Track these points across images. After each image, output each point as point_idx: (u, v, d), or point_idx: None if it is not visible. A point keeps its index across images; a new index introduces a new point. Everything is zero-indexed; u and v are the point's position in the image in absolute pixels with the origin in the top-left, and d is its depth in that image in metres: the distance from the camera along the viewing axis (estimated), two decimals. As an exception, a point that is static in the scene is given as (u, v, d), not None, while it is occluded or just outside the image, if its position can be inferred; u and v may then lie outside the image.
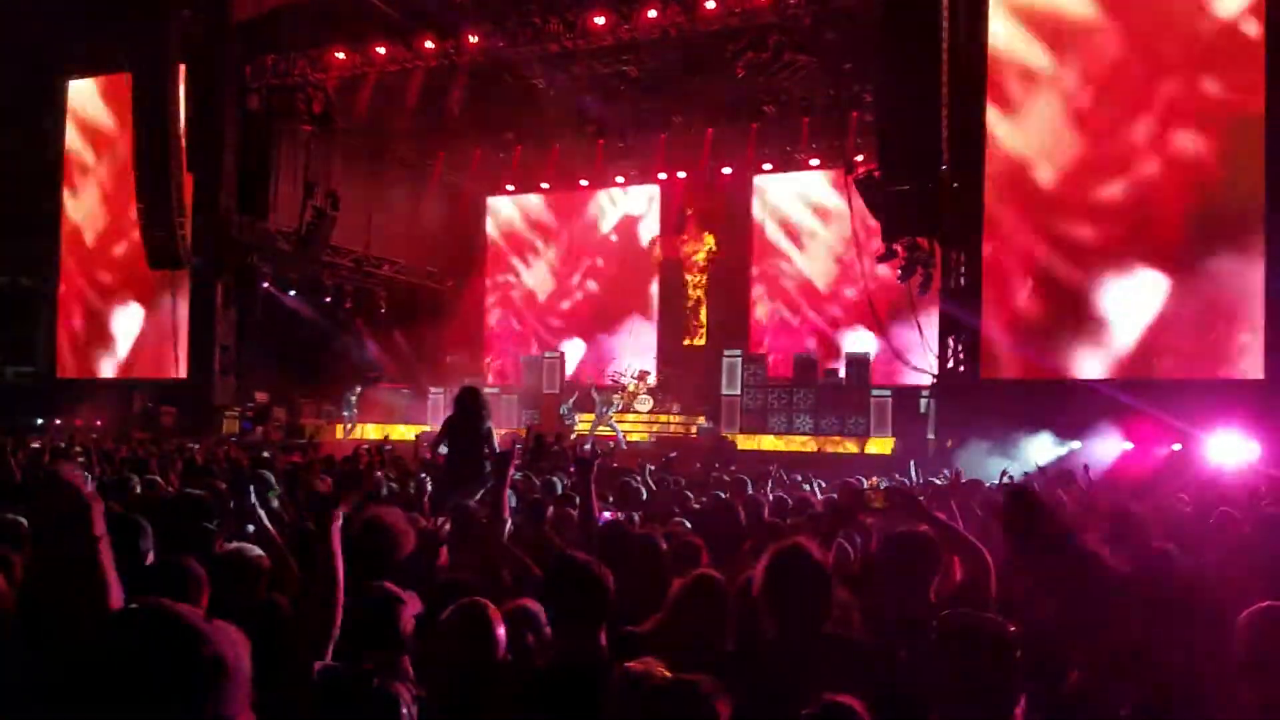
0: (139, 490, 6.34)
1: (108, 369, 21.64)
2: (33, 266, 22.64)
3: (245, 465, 8.91)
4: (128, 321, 21.42)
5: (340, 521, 2.33)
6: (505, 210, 24.96)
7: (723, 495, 6.36)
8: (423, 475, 6.91)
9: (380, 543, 3.69)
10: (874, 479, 11.22)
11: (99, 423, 18.21)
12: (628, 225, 23.74)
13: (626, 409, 19.30)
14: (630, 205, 23.75)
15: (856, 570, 4.42)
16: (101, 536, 2.14)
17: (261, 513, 4.53)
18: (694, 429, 18.81)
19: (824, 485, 9.28)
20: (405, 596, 2.88)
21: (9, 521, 4.58)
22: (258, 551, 4.18)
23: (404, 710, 1.69)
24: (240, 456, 11.65)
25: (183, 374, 19.87)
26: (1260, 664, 2.55)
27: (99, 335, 21.78)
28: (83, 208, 22.12)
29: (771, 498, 6.74)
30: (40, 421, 18.26)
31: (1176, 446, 12.92)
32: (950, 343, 15.36)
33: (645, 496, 6.92)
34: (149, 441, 15.03)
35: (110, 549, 2.17)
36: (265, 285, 19.90)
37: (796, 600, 2.92)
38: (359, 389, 20.10)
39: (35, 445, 12.93)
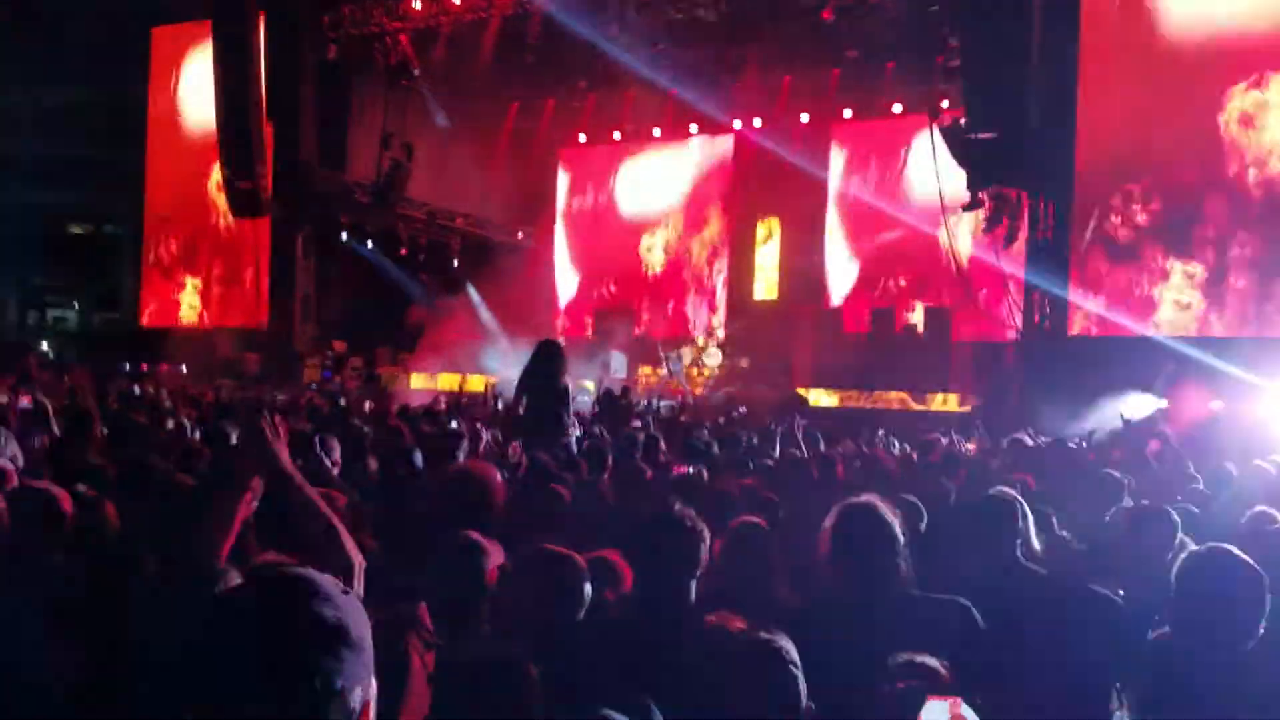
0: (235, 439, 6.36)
1: (190, 317, 22.27)
2: (117, 215, 23.33)
3: (325, 412, 9.09)
4: (210, 270, 21.97)
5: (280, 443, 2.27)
6: (577, 161, 24.82)
7: (796, 452, 6.26)
8: (482, 427, 6.89)
9: (470, 494, 3.68)
10: (954, 436, 11.00)
11: (184, 369, 18.77)
12: (703, 175, 23.41)
13: (695, 363, 19.21)
14: (704, 155, 23.39)
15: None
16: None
17: (327, 464, 4.60)
18: (763, 385, 18.60)
19: (898, 444, 9.09)
20: (489, 546, 2.88)
21: (96, 467, 4.72)
22: (338, 497, 4.25)
23: (416, 660, 1.66)
24: (321, 404, 11.93)
25: (264, 322, 20.35)
26: None
27: (181, 283, 22.39)
28: (166, 156, 22.63)
29: (844, 454, 6.63)
30: (127, 367, 18.89)
31: (1217, 404, 12.42)
32: (1035, 298, 14.90)
33: (716, 451, 6.85)
34: (234, 388, 15.49)
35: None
36: (344, 236, 20.21)
37: (864, 558, 2.87)
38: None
39: (135, 388, 13.41)
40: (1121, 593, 2.50)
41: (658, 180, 23.78)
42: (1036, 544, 3.79)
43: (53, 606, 2.53)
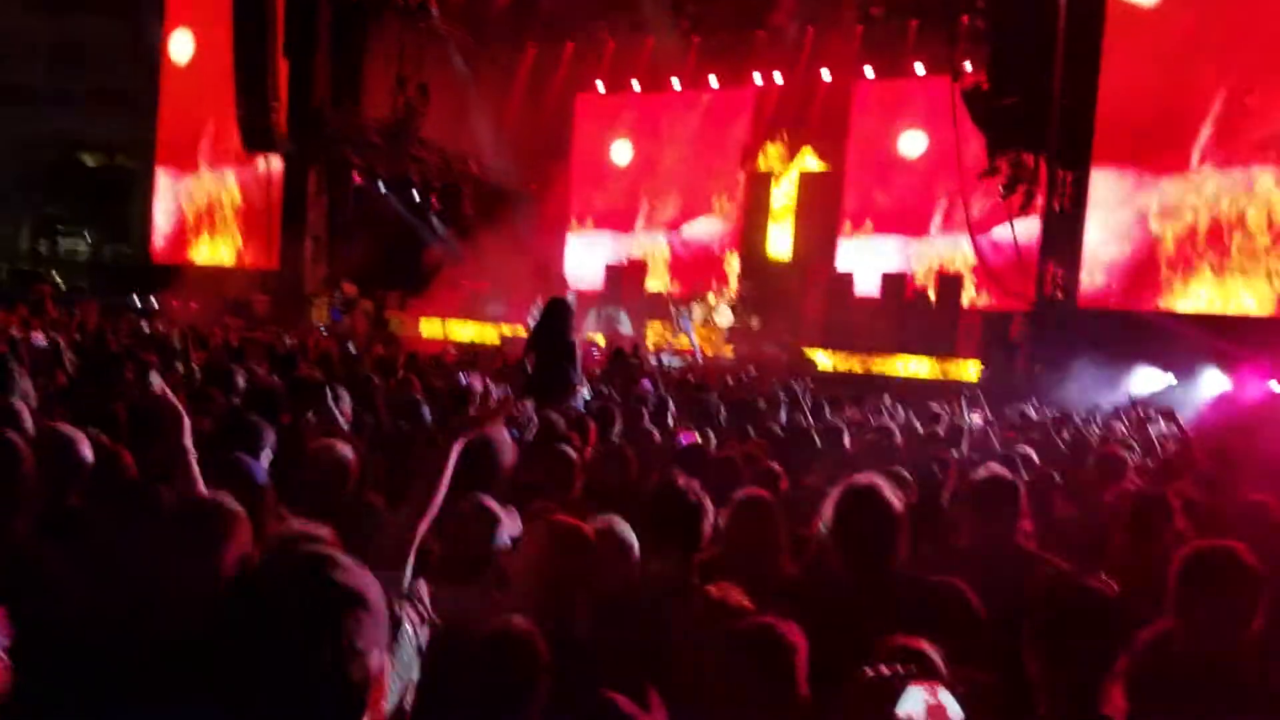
0: (242, 382, 6.34)
1: (201, 253, 22.26)
2: (131, 147, 23.21)
3: (335, 357, 9.12)
4: (221, 206, 21.91)
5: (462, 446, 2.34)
6: (593, 109, 24.55)
7: (802, 420, 6.29)
8: (491, 382, 6.88)
9: (482, 455, 3.57)
10: (959, 406, 11.01)
11: (193, 306, 18.81)
12: (719, 130, 23.14)
13: (706, 321, 19.19)
14: (723, 109, 23.11)
15: (938, 507, 4.36)
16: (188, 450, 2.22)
17: (339, 416, 4.62)
18: (772, 346, 18.56)
19: (903, 412, 9.10)
20: (504, 514, 2.90)
21: (112, 410, 4.76)
22: (348, 451, 4.28)
23: (409, 630, 1.70)
24: (330, 347, 11.94)
25: (274, 262, 20.33)
26: None
27: (193, 219, 22.35)
28: (181, 90, 22.46)
29: (848, 424, 6.65)
30: (137, 302, 18.94)
31: (1276, 385, 12.38)
32: (1049, 268, 14.81)
33: (723, 415, 6.89)
34: (243, 328, 15.52)
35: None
36: (356, 177, 20.11)
37: (866, 540, 2.90)
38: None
39: (144, 325, 13.46)
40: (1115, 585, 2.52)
41: (675, 132, 23.54)
42: (1029, 525, 3.81)
43: (73, 553, 2.56)
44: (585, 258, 23.85)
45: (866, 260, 20.40)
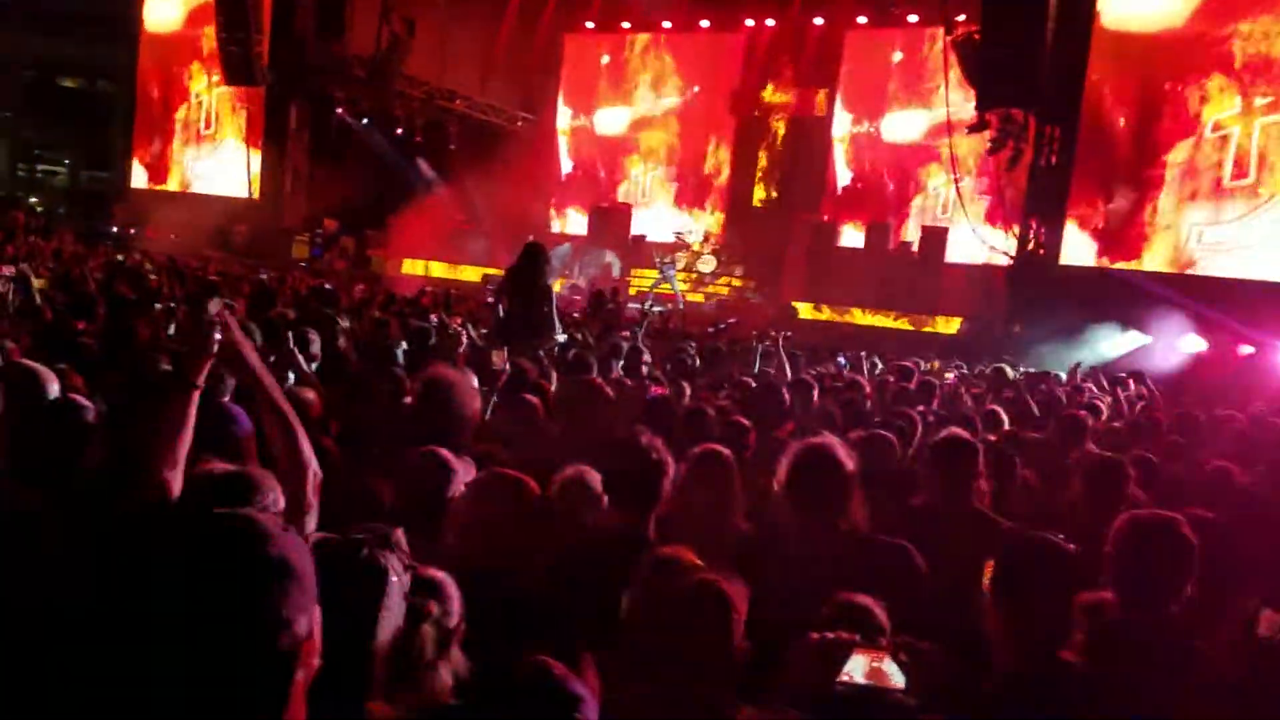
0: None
1: (179, 183, 21.94)
2: (111, 71, 22.71)
3: (309, 298, 9.06)
4: (201, 136, 21.56)
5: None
6: (582, 50, 24.16)
7: (771, 372, 6.30)
8: (462, 325, 6.82)
9: (445, 404, 3.51)
10: (934, 361, 11.08)
11: (172, 236, 18.60)
12: (708, 74, 22.84)
13: (688, 269, 19.12)
14: (712, 53, 22.78)
15: (902, 466, 4.39)
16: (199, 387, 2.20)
17: (300, 359, 4.59)
18: (751, 295, 18.52)
19: (880, 365, 9.16)
20: (459, 465, 2.87)
21: (85, 346, 4.72)
22: (310, 395, 4.27)
23: (393, 579, 1.70)
24: (312, 283, 11.85)
25: (255, 194, 20.07)
26: None
27: (173, 147, 21.99)
28: (163, 16, 21.95)
29: (823, 376, 6.68)
30: (115, 230, 18.69)
31: (1248, 350, 12.50)
32: (1032, 224, 14.81)
33: (698, 367, 6.90)
34: (221, 261, 15.38)
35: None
36: (339, 111, 19.77)
37: (817, 498, 2.93)
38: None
39: (119, 258, 13.31)
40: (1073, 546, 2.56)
41: (664, 75, 23.23)
42: (985, 485, 3.84)
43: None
44: (570, 200, 23.68)
45: (853, 208, 20.32)
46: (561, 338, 7.43)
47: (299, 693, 1.17)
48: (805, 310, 17.11)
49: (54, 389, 3.27)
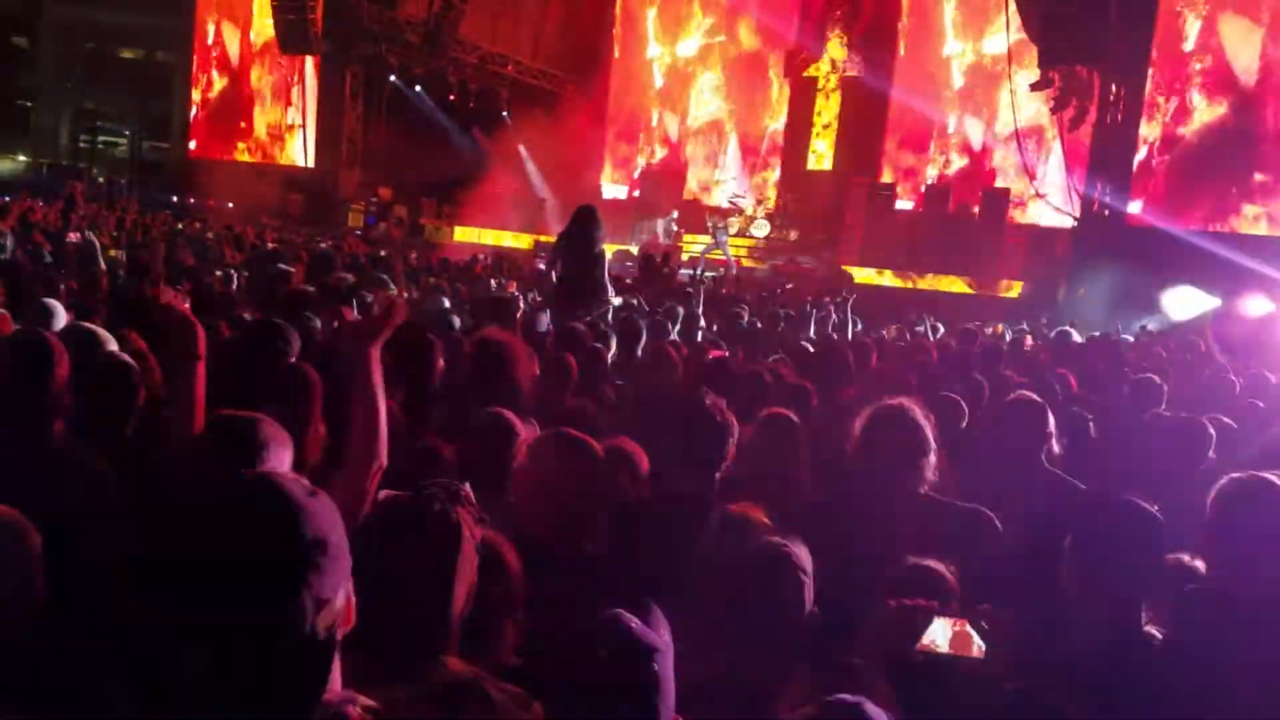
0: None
1: (237, 153, 22.21)
2: (169, 41, 22.98)
3: (365, 262, 9.12)
4: (258, 105, 21.76)
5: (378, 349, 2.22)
6: (636, 11, 23.86)
7: (834, 335, 6.19)
8: (517, 294, 6.78)
9: (496, 367, 3.50)
10: (998, 325, 10.84)
11: (230, 205, 18.85)
12: (762, 35, 22.44)
13: (742, 233, 18.89)
14: (767, 13, 22.35)
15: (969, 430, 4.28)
16: (200, 358, 2.19)
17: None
18: (805, 259, 18.22)
19: (942, 328, 8.97)
20: (522, 427, 2.84)
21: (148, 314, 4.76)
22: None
23: (466, 533, 1.66)
24: (366, 251, 11.96)
25: (310, 163, 20.25)
26: None
27: (230, 117, 22.24)
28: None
29: (884, 340, 6.55)
30: (175, 199, 18.99)
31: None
32: (1097, 184, 14.37)
33: (753, 331, 6.80)
34: (278, 229, 15.56)
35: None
36: (392, 78, 19.81)
37: (891, 462, 2.84)
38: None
39: (179, 225, 13.53)
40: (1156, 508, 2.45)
41: (719, 37, 22.87)
42: (1057, 448, 3.72)
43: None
44: (623, 164, 23.52)
45: (912, 172, 19.90)
46: (617, 302, 7.37)
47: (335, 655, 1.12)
48: (862, 275, 16.82)
49: (112, 350, 3.30)
